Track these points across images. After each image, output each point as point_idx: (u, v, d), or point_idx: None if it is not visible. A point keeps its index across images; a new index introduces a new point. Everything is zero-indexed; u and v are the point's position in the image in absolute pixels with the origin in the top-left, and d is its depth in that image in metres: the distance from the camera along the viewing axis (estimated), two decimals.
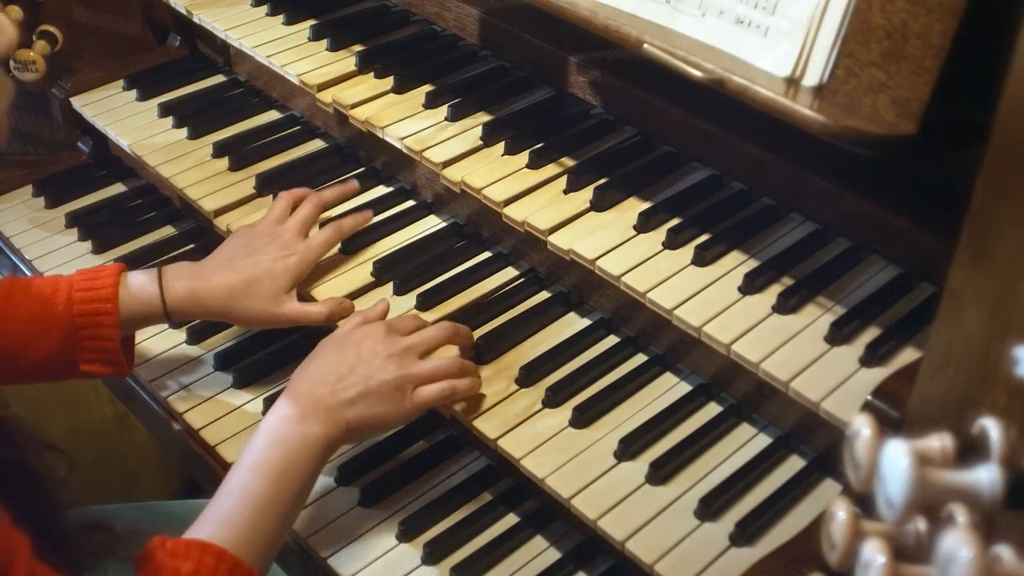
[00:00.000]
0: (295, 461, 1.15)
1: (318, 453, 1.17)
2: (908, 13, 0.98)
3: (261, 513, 1.12)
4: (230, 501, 1.12)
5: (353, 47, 1.69)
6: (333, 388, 1.20)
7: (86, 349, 1.32)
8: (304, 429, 1.17)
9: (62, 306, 1.31)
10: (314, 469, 1.18)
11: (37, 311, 1.31)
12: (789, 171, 1.30)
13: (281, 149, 1.73)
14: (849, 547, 0.69)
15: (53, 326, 1.31)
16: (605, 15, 1.16)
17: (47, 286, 1.34)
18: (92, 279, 1.33)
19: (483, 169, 1.44)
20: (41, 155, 1.95)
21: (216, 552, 1.05)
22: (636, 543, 1.14)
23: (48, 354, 1.32)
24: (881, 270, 1.25)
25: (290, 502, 1.15)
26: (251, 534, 1.10)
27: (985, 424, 0.67)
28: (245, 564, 1.07)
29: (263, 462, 1.15)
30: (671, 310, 1.22)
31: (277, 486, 1.13)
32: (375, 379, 1.22)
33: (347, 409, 1.20)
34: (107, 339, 1.32)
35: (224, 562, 1.05)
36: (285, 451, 1.15)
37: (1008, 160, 0.70)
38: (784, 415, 1.24)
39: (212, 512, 1.12)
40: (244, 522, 1.10)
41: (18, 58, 1.78)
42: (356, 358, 1.23)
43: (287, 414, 1.18)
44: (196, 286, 1.36)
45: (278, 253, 1.40)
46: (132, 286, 1.35)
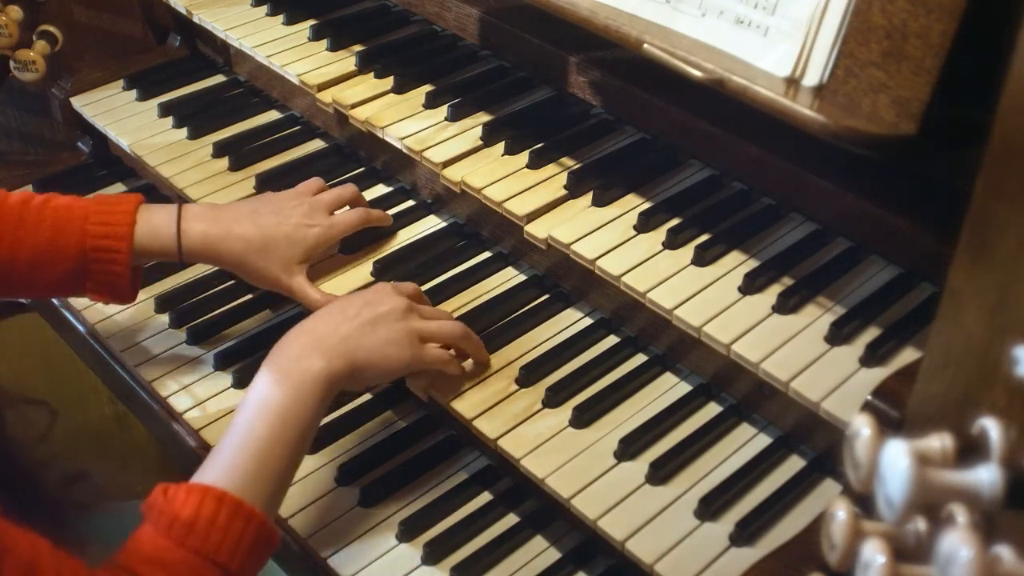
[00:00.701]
0: (297, 400, 1.13)
1: (319, 389, 1.14)
2: (908, 13, 0.98)
3: (263, 455, 1.09)
4: (232, 445, 1.10)
5: (353, 47, 1.69)
6: (338, 325, 1.18)
7: (95, 279, 1.33)
8: (305, 365, 1.14)
9: (75, 236, 1.30)
10: (317, 407, 1.14)
11: (50, 239, 1.30)
12: (789, 171, 1.30)
13: (281, 149, 1.73)
14: (849, 547, 0.69)
15: (65, 256, 1.31)
16: (605, 15, 1.16)
17: (62, 211, 1.33)
18: (109, 212, 1.32)
19: (483, 169, 1.44)
20: (41, 155, 1.95)
21: (217, 495, 1.04)
22: (636, 543, 1.14)
23: (59, 279, 1.32)
24: (881, 270, 1.25)
25: (294, 442, 1.12)
26: (254, 476, 1.08)
27: (985, 424, 0.67)
28: (247, 505, 1.05)
29: (264, 403, 1.12)
30: (671, 310, 1.22)
31: (279, 427, 1.11)
32: (382, 320, 1.21)
33: (351, 343, 1.18)
34: (117, 275, 1.33)
35: (225, 504, 1.04)
36: (286, 390, 1.13)
37: (1008, 160, 0.70)
38: (784, 415, 1.24)
39: (215, 457, 1.10)
40: (246, 465, 1.09)
41: (18, 58, 1.78)
42: (363, 303, 1.23)
43: (289, 352, 1.16)
44: (214, 233, 1.35)
45: (302, 220, 1.39)
46: (149, 222, 1.34)
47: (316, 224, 1.40)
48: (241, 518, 1.04)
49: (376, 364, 1.20)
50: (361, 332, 1.19)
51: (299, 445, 1.14)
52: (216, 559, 1.02)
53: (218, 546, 1.02)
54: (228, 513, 1.04)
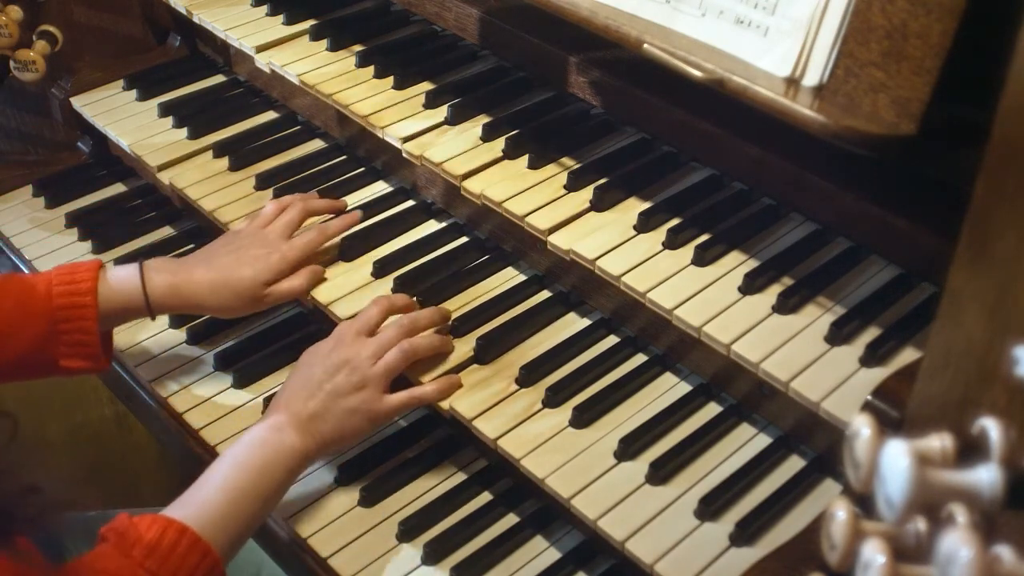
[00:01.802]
0: (273, 464, 1.21)
1: (294, 463, 1.23)
2: (908, 13, 0.98)
3: (235, 504, 1.17)
4: (208, 488, 1.18)
5: (353, 47, 1.69)
6: (305, 403, 1.25)
7: (65, 343, 1.33)
8: (283, 438, 1.23)
9: (41, 301, 1.31)
10: (289, 476, 1.23)
11: (15, 307, 1.31)
12: (789, 171, 1.30)
13: (281, 149, 1.73)
14: (849, 547, 0.69)
15: (32, 322, 1.31)
16: (605, 15, 1.16)
17: (25, 282, 1.34)
18: (71, 273, 1.34)
19: (483, 169, 1.44)
20: (41, 155, 1.95)
21: (179, 527, 1.11)
22: (636, 543, 1.14)
23: (27, 350, 1.32)
24: (881, 270, 1.25)
25: (263, 499, 1.20)
26: (222, 520, 1.15)
27: (985, 424, 0.67)
28: (205, 542, 1.12)
29: (244, 460, 1.20)
30: (671, 310, 1.22)
31: (254, 482, 1.19)
32: (345, 388, 1.27)
33: (318, 426, 1.25)
34: (86, 332, 1.33)
35: (186, 537, 1.10)
36: (265, 453, 1.21)
37: (1008, 160, 0.70)
38: (784, 415, 1.24)
39: (189, 497, 1.17)
40: (217, 509, 1.16)
41: (18, 58, 1.78)
42: (323, 371, 1.28)
43: (271, 423, 1.24)
44: (178, 280, 1.38)
45: (260, 251, 1.42)
46: (112, 280, 1.35)
47: (274, 251, 1.43)
48: (198, 553, 1.11)
49: (342, 437, 1.27)
50: (325, 408, 1.26)
51: (266, 503, 1.21)
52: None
53: (173, 573, 1.09)
54: (187, 545, 1.10)
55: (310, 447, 1.24)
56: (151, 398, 1.50)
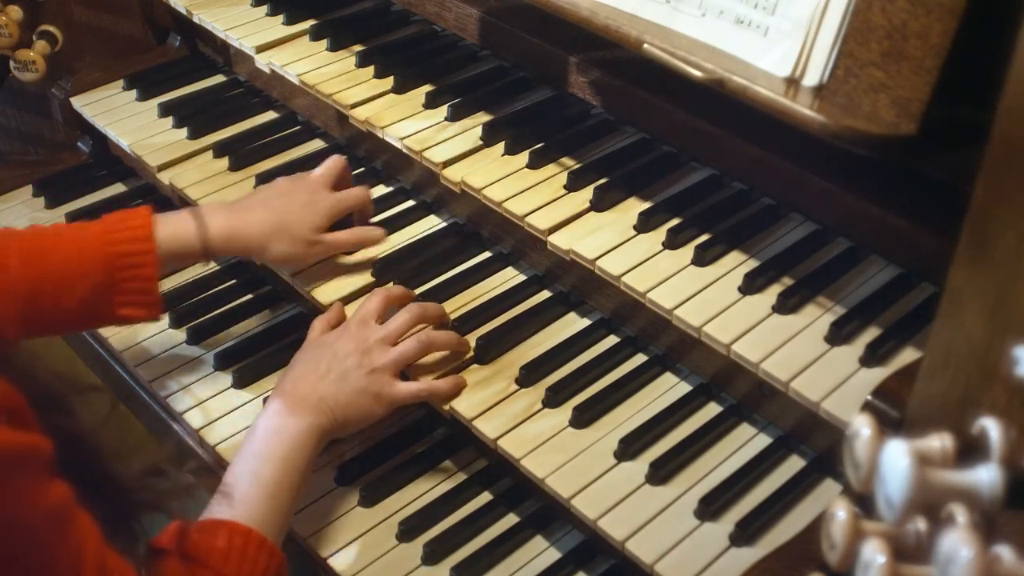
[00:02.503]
0: (296, 448, 1.21)
1: (314, 439, 1.23)
2: (908, 13, 0.98)
3: (272, 496, 1.17)
4: (242, 486, 1.16)
5: (353, 47, 1.69)
6: (314, 386, 1.25)
7: (123, 291, 1.31)
8: (298, 420, 1.22)
9: (97, 249, 1.29)
10: (312, 454, 1.23)
11: (70, 260, 1.29)
12: (789, 171, 1.30)
13: (281, 149, 1.73)
14: (849, 547, 0.69)
15: (90, 271, 1.29)
16: (605, 15, 1.16)
17: (75, 232, 1.32)
18: (125, 220, 1.33)
19: (483, 169, 1.44)
20: (41, 155, 1.95)
21: (243, 530, 1.10)
22: (636, 543, 1.14)
23: (86, 299, 1.30)
24: (881, 270, 1.25)
25: (295, 485, 1.20)
26: (266, 515, 1.15)
27: (985, 424, 0.67)
28: (269, 542, 1.12)
29: (267, 451, 1.20)
30: (671, 310, 1.22)
31: (282, 471, 1.18)
32: (351, 372, 1.27)
33: (329, 401, 1.24)
34: (147, 279, 1.32)
35: (252, 540, 1.10)
36: (284, 439, 1.21)
37: (1008, 160, 0.70)
38: (784, 415, 1.24)
39: (228, 497, 1.16)
40: (258, 504, 1.15)
41: (18, 58, 1.78)
42: (331, 357, 1.28)
43: (279, 409, 1.23)
44: (235, 221, 1.38)
45: (308, 197, 1.44)
46: (168, 224, 1.34)
47: (324, 197, 1.45)
48: (265, 553, 1.11)
49: (354, 416, 1.27)
50: (336, 389, 1.26)
51: (300, 487, 1.21)
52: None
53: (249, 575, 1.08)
54: (255, 547, 1.10)
55: (325, 424, 1.24)
56: (151, 398, 1.50)
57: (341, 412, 1.25)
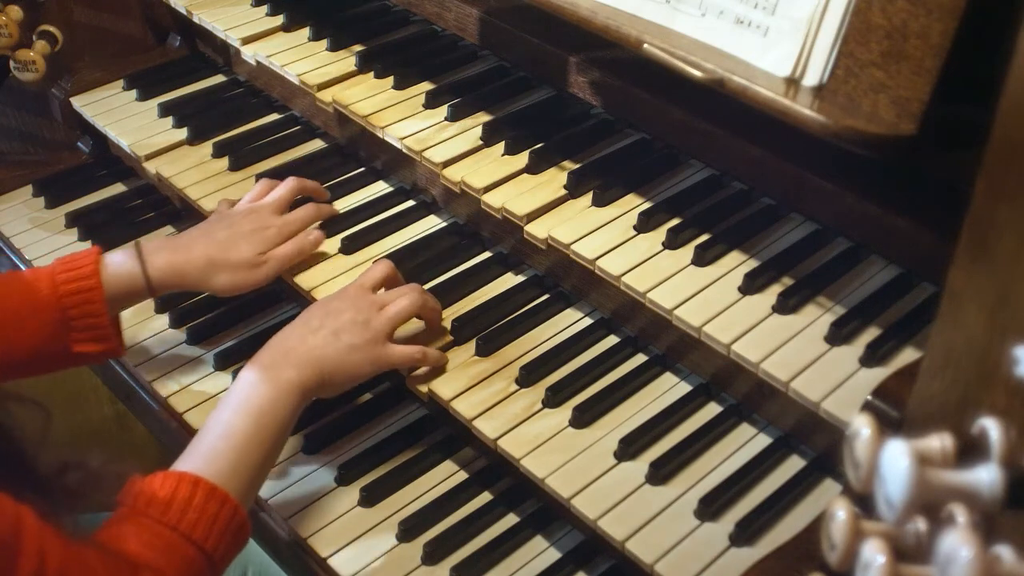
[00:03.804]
0: (273, 403, 1.20)
1: (293, 397, 1.21)
2: (908, 13, 0.98)
3: (241, 450, 1.16)
4: (210, 438, 1.17)
5: (353, 47, 1.69)
6: (303, 339, 1.25)
7: (76, 329, 1.32)
8: (279, 375, 1.21)
9: (46, 292, 1.31)
10: (291, 412, 1.22)
11: (21, 301, 1.31)
12: (789, 171, 1.30)
13: (281, 149, 1.73)
14: (849, 547, 0.69)
15: (40, 313, 1.31)
16: (605, 15, 1.16)
17: (26, 276, 1.34)
18: (72, 261, 1.34)
19: (483, 169, 1.44)
20: (41, 155, 1.95)
21: (191, 479, 1.10)
22: (636, 543, 1.14)
23: (39, 343, 1.32)
24: (881, 270, 1.25)
25: (269, 441, 1.19)
26: (231, 468, 1.14)
27: (985, 424, 0.67)
28: (221, 490, 1.11)
29: (241, 404, 1.19)
30: (671, 310, 1.22)
31: (256, 425, 1.18)
32: (345, 328, 1.27)
33: (317, 353, 1.24)
34: (97, 315, 1.33)
35: (200, 488, 1.09)
36: (261, 393, 1.20)
37: (1008, 160, 0.70)
38: (784, 415, 1.24)
39: (193, 449, 1.16)
40: (224, 457, 1.15)
41: (18, 58, 1.78)
42: (324, 314, 1.29)
43: (262, 362, 1.23)
44: (177, 258, 1.38)
45: (255, 226, 1.44)
46: (112, 265, 1.36)
47: (270, 226, 1.45)
48: (216, 501, 1.10)
49: (343, 371, 1.26)
50: (325, 342, 1.25)
51: (273, 445, 1.20)
52: (192, 537, 1.07)
53: (194, 525, 1.07)
54: (203, 495, 1.09)
55: (309, 380, 1.23)
56: (151, 398, 1.50)
57: (329, 368, 1.24)
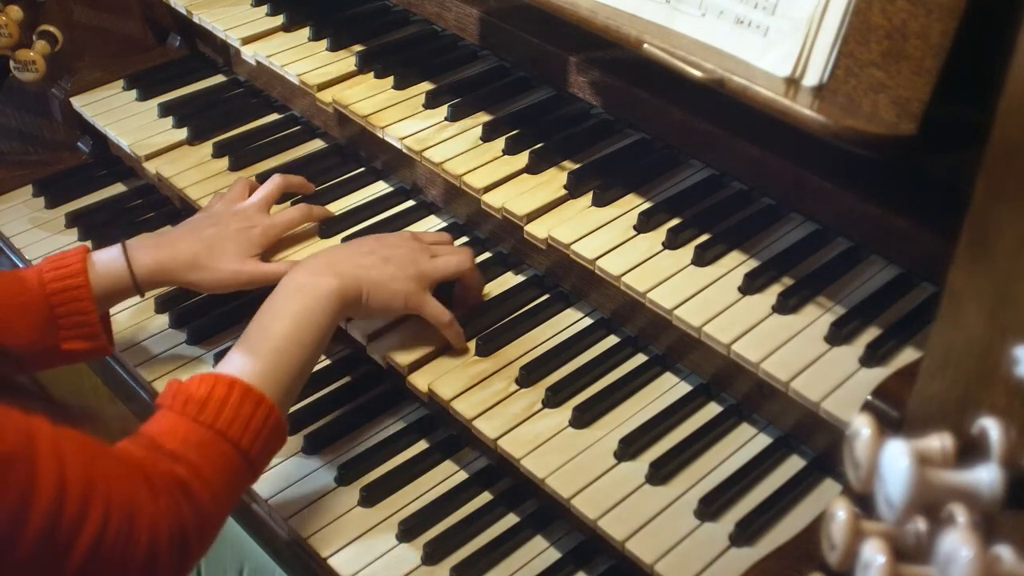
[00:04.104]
0: (312, 309, 1.22)
1: (334, 303, 1.24)
2: (908, 13, 0.98)
3: (280, 352, 1.18)
4: (251, 340, 1.19)
5: (353, 47, 1.69)
6: (350, 256, 1.30)
7: (64, 327, 1.33)
8: (321, 281, 1.24)
9: (34, 291, 1.31)
10: (331, 318, 1.24)
11: (9, 300, 1.31)
12: (789, 171, 1.30)
13: (281, 149, 1.73)
14: (849, 547, 0.69)
15: (27, 312, 1.31)
16: (605, 15, 1.16)
17: (12, 276, 1.34)
18: (59, 260, 1.35)
19: (483, 169, 1.44)
20: (41, 155, 1.95)
21: (228, 380, 1.11)
22: (636, 543, 1.14)
23: (28, 341, 1.31)
24: (881, 270, 1.25)
25: (308, 344, 1.21)
26: (268, 369, 1.16)
27: (985, 424, 0.67)
28: (257, 391, 1.12)
29: (283, 307, 1.22)
30: (671, 310, 1.22)
31: (295, 329, 1.20)
32: (393, 260, 1.31)
33: (362, 271, 1.28)
34: (84, 312, 1.33)
35: (236, 388, 1.11)
36: (303, 298, 1.23)
37: (1008, 160, 0.70)
38: (784, 415, 1.24)
39: (234, 352, 1.18)
40: (262, 359, 1.17)
41: (18, 58, 1.78)
42: (378, 243, 1.34)
43: (307, 267, 1.27)
44: (163, 255, 1.39)
45: (241, 225, 1.44)
46: (99, 263, 1.36)
47: (256, 225, 1.45)
48: (251, 402, 1.11)
49: (381, 295, 1.30)
50: (372, 264, 1.30)
51: (312, 349, 1.22)
52: (228, 435, 1.08)
53: (230, 423, 1.09)
54: (239, 395, 1.10)
55: (350, 291, 1.26)
56: (151, 398, 1.50)
57: (369, 288, 1.28)
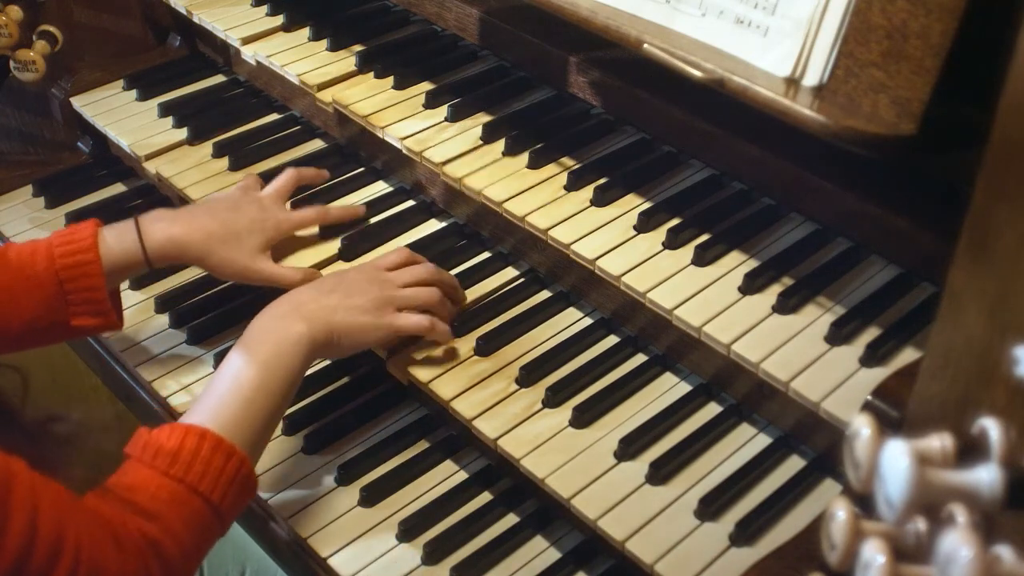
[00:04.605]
0: (282, 354, 1.20)
1: (302, 348, 1.22)
2: (908, 13, 0.98)
3: (249, 401, 1.16)
4: (218, 390, 1.17)
5: (353, 47, 1.69)
6: (315, 297, 1.27)
7: (74, 303, 1.32)
8: (289, 326, 1.22)
9: (43, 265, 1.31)
10: (299, 364, 1.22)
11: (17, 274, 1.31)
12: (789, 171, 1.30)
13: (281, 149, 1.73)
14: (849, 547, 0.69)
15: (37, 286, 1.31)
16: (605, 15, 1.16)
17: (23, 249, 1.34)
18: (70, 234, 1.34)
19: (483, 169, 1.44)
20: (41, 155, 1.95)
21: (199, 431, 1.10)
22: (636, 543, 1.14)
23: (35, 315, 1.31)
24: (881, 270, 1.25)
25: (277, 393, 1.19)
26: (238, 419, 1.14)
27: (985, 424, 0.67)
28: (228, 442, 1.11)
29: (251, 354, 1.19)
30: (671, 310, 1.22)
31: (264, 377, 1.18)
32: (356, 292, 1.29)
33: (328, 310, 1.26)
34: (94, 289, 1.33)
35: (207, 440, 1.10)
36: (272, 344, 1.21)
37: (1008, 160, 0.70)
38: (784, 415, 1.24)
39: (202, 401, 1.16)
40: (231, 408, 1.15)
41: (18, 58, 1.78)
42: (339, 280, 1.32)
43: (273, 313, 1.25)
44: (176, 231, 1.38)
45: (257, 215, 1.44)
46: (110, 237, 1.36)
47: (270, 217, 1.45)
48: (222, 454, 1.10)
49: (352, 332, 1.27)
50: (337, 302, 1.27)
51: (281, 397, 1.20)
52: (199, 489, 1.07)
53: (200, 476, 1.08)
54: (210, 447, 1.09)
55: (318, 335, 1.23)
56: (151, 398, 1.50)
57: (339, 328, 1.25)
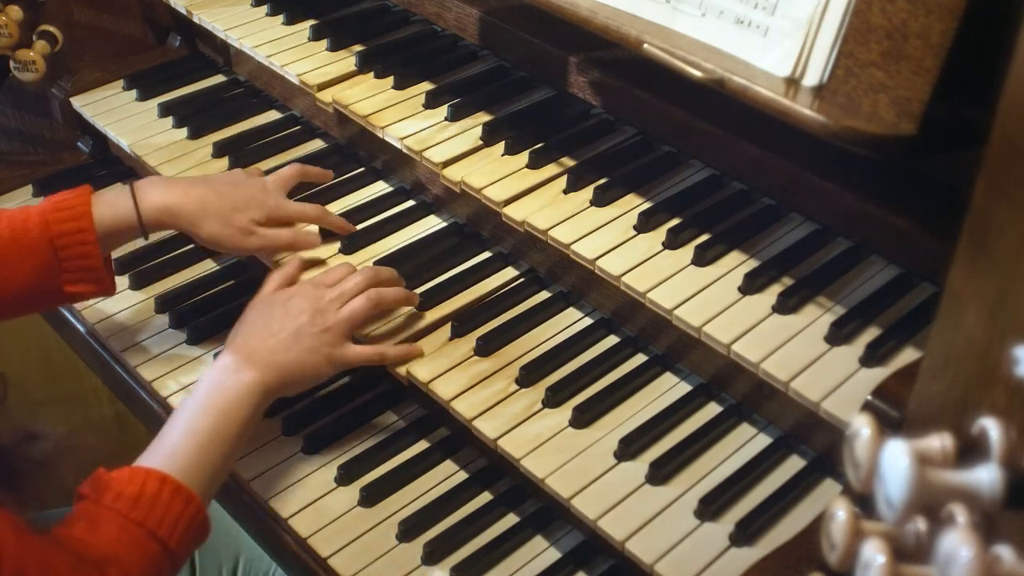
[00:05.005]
0: (237, 403, 1.22)
1: (256, 396, 1.23)
2: (908, 13, 0.98)
3: (204, 447, 1.18)
4: (175, 435, 1.18)
5: (353, 47, 1.69)
6: (264, 342, 1.27)
7: (68, 269, 1.33)
8: (242, 376, 1.23)
9: (37, 231, 1.31)
10: (253, 411, 1.23)
11: (10, 242, 1.31)
12: (789, 171, 1.30)
13: (281, 149, 1.73)
14: (849, 547, 0.69)
15: (30, 252, 1.31)
16: (605, 15, 1.16)
17: (16, 216, 1.34)
18: (63, 201, 1.35)
19: (483, 169, 1.44)
20: (41, 155, 1.95)
21: (159, 476, 1.12)
22: (636, 543, 1.14)
23: (29, 281, 1.32)
24: (881, 270, 1.25)
25: (231, 439, 1.20)
26: (194, 465, 1.16)
27: (985, 424, 0.67)
28: (186, 488, 1.12)
29: (206, 403, 1.21)
30: (671, 310, 1.22)
31: (219, 424, 1.20)
32: (303, 335, 1.28)
33: (279, 357, 1.26)
34: (89, 256, 1.33)
35: (167, 485, 1.11)
36: (226, 393, 1.22)
37: (1008, 160, 0.70)
38: (784, 415, 1.24)
39: (157, 446, 1.18)
40: (188, 454, 1.16)
41: (18, 58, 1.78)
42: (284, 315, 1.30)
43: (226, 364, 1.25)
44: (171, 196, 1.39)
45: (257, 193, 1.46)
46: (105, 203, 1.36)
47: (270, 198, 1.47)
48: (181, 500, 1.11)
49: (303, 374, 1.29)
50: (287, 346, 1.27)
51: (235, 443, 1.22)
52: (158, 534, 1.08)
53: (159, 521, 1.09)
54: (170, 492, 1.11)
55: (271, 381, 1.24)
56: (151, 398, 1.50)
57: (290, 371, 1.26)
